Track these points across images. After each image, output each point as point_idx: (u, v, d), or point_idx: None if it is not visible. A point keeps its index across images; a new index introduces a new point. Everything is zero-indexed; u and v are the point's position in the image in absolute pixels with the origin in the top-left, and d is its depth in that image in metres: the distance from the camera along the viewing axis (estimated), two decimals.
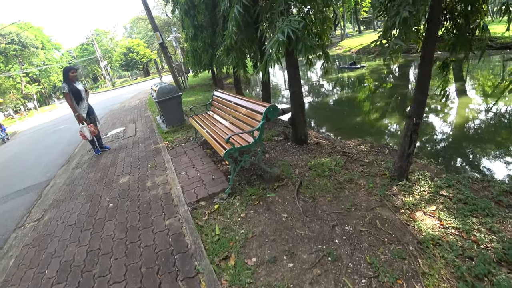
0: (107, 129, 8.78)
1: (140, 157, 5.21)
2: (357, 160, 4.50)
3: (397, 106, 8.71)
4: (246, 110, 3.55)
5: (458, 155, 5.25)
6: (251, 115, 3.38)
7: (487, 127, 6.22)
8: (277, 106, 3.07)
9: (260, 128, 3.02)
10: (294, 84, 4.64)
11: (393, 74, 13.95)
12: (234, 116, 3.87)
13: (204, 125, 4.34)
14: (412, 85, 11.14)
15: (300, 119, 4.88)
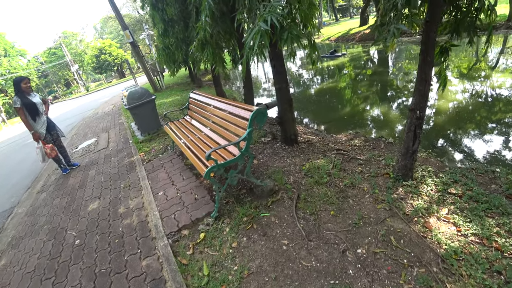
0: (78, 141, 8.02)
1: (112, 175, 4.61)
2: (354, 159, 4.11)
3: (384, 94, 8.41)
4: (229, 115, 3.04)
5: (456, 144, 4.96)
6: (235, 121, 2.88)
7: (483, 111, 5.98)
8: (266, 110, 2.58)
9: (247, 137, 2.53)
10: (280, 79, 4.15)
11: (374, 60, 13.70)
12: (215, 122, 3.35)
13: (181, 134, 3.79)
14: (394, 71, 10.91)
15: (289, 117, 4.42)
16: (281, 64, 4.07)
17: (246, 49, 2.90)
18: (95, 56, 41.81)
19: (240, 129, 2.70)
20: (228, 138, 2.99)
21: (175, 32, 6.16)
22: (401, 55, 13.70)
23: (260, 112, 2.50)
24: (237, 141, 2.51)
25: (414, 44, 14.91)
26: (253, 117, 2.46)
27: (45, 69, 49.33)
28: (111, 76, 59.32)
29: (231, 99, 8.65)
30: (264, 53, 3.03)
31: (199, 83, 12.94)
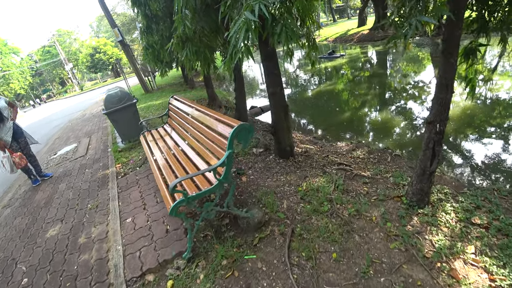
0: (58, 147, 7.43)
1: (82, 191, 4.04)
2: (358, 176, 3.57)
3: (387, 98, 7.88)
4: (207, 129, 2.49)
5: (472, 158, 4.43)
6: (213, 138, 2.33)
7: (499, 119, 5.46)
8: (251, 127, 2.03)
9: (226, 162, 1.98)
10: (274, 83, 3.61)
11: (373, 62, 13.18)
12: (194, 137, 2.79)
13: (155, 147, 3.23)
14: (395, 73, 10.40)
15: (284, 126, 3.87)
16: (274, 65, 3.53)
17: (230, 47, 2.37)
18: (89, 55, 41.02)
19: (220, 149, 2.15)
20: (206, 158, 2.44)
21: (159, 29, 5.58)
22: (399, 56, 13.20)
23: (243, 128, 1.95)
24: (212, 167, 1.95)
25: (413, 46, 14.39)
26: (233, 135, 1.91)
27: (39, 67, 48.47)
28: (107, 75, 58.48)
29: (216, 107, 8.10)
30: (251, 52, 2.48)
31: (192, 84, 12.37)
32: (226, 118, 2.15)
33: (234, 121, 2.04)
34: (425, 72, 9.84)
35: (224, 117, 2.20)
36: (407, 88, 8.15)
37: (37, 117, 19.46)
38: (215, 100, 8.40)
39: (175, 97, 3.82)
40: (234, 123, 2.00)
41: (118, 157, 4.90)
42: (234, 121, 2.04)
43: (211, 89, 8.30)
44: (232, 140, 1.92)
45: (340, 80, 10.75)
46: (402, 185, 3.26)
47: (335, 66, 13.28)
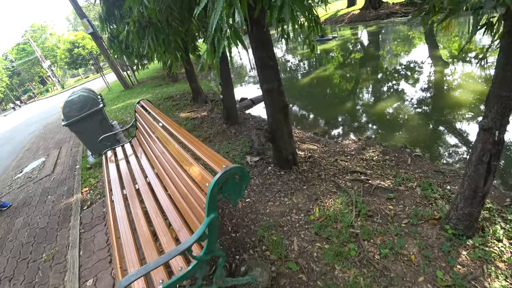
0: (26, 161, 6.52)
1: (39, 231, 3.23)
2: (379, 189, 2.85)
3: (391, 84, 7.07)
4: (179, 169, 1.69)
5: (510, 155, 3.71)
6: (188, 187, 1.54)
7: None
8: (244, 172, 1.21)
9: (207, 234, 1.19)
10: (269, 77, 2.78)
11: (369, 43, 12.22)
12: (165, 170, 1.98)
13: (115, 179, 2.41)
14: (394, 54, 9.53)
15: (284, 131, 3.09)
16: (269, 54, 2.69)
17: (209, 32, 1.59)
18: (67, 50, 38.74)
19: (197, 205, 1.36)
20: (181, 210, 1.64)
21: (124, 16, 4.62)
22: (389, 36, 12.29)
23: (229, 174, 1.15)
24: (184, 246, 1.16)
25: (402, 25, 13.45)
26: (214, 190, 1.12)
27: (16, 66, 45.97)
28: (89, 71, 56.02)
29: (201, 103, 7.13)
30: (241, 37, 1.69)
31: (174, 77, 11.35)
32: (204, 152, 1.34)
33: (217, 161, 1.24)
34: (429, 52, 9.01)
35: (202, 147, 1.39)
36: (414, 72, 7.33)
37: (15, 122, 18.23)
38: (200, 94, 7.50)
39: (142, 103, 2.96)
40: (216, 164, 1.20)
41: (86, 177, 4.06)
42: (216, 160, 1.24)
43: (195, 83, 7.37)
44: (213, 198, 1.13)
45: (336, 64, 9.86)
46: (433, 200, 2.60)
47: (328, 50, 12.32)
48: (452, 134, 4.24)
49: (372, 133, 4.69)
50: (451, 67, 6.91)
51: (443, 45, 9.07)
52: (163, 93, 9.03)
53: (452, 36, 9.51)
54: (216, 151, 4.11)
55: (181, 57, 2.97)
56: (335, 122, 5.51)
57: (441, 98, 5.34)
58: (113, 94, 12.00)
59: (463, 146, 4.00)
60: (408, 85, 6.46)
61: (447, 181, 2.94)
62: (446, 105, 4.98)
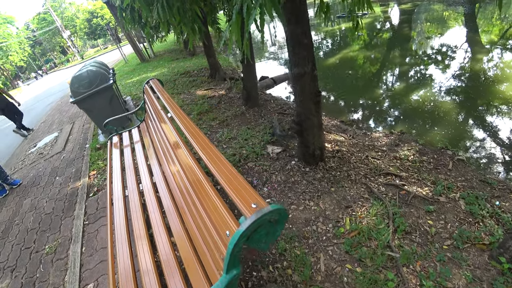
0: (41, 135, 6.44)
1: (44, 216, 3.05)
2: (417, 198, 2.42)
3: (422, 68, 6.29)
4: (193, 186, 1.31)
5: None
6: (207, 220, 1.16)
7: None
8: (286, 211, 0.82)
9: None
10: (302, 59, 2.31)
11: (401, 23, 11.06)
12: (175, 179, 1.63)
13: (117, 172, 2.09)
14: (429, 37, 8.53)
15: (314, 123, 2.66)
16: (304, 29, 2.19)
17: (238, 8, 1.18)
18: (86, 21, 38.51)
19: (213, 248, 1.00)
20: (194, 240, 1.29)
21: None
22: (425, 16, 11.03)
23: (263, 221, 0.76)
24: None
25: (437, 4, 12.03)
26: (237, 246, 0.74)
27: (37, 36, 46.44)
28: (109, 41, 55.89)
29: (219, 80, 6.59)
30: (277, 5, 1.25)
31: (192, 51, 10.83)
32: (226, 177, 0.95)
33: (244, 196, 0.84)
34: (481, 37, 7.98)
35: (224, 168, 1.00)
36: (456, 58, 6.46)
37: (37, 92, 18.53)
38: (218, 71, 7.03)
39: (151, 83, 2.58)
40: (242, 201, 0.81)
41: (94, 159, 3.83)
42: (243, 196, 0.85)
43: (213, 58, 6.89)
44: (236, 253, 0.76)
45: (364, 45, 9.00)
46: (481, 218, 2.17)
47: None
48: (503, 138, 3.63)
49: (406, 127, 4.13)
50: (504, 54, 6.04)
51: (488, 28, 8.01)
52: (179, 68, 8.62)
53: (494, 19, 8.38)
54: (234, 137, 3.75)
55: (199, 29, 2.53)
56: (363, 110, 4.96)
57: (490, 93, 4.61)
58: (129, 67, 11.70)
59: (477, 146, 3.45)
60: (450, 73, 5.68)
61: (495, 195, 2.48)
62: (497, 101, 4.29)
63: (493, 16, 8.45)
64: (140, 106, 2.72)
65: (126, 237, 1.51)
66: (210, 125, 4.10)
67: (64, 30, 38.73)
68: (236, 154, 3.18)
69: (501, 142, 3.57)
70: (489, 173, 3.08)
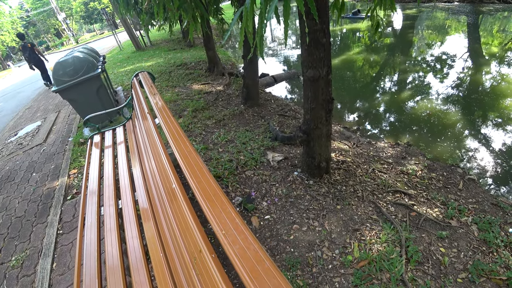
0: (23, 123, 6.04)
1: (14, 220, 2.71)
2: (428, 221, 2.21)
3: (429, 76, 6.06)
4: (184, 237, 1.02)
5: None
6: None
7: None
8: None
9: None
10: (317, 60, 2.02)
11: (406, 28, 10.82)
12: (163, 210, 1.33)
13: (94, 181, 1.78)
14: (435, 45, 8.32)
15: (323, 132, 2.38)
16: (323, 26, 1.89)
17: None
18: (83, 4, 37.45)
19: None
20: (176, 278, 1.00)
21: None
22: (430, 23, 10.85)
23: None
24: None
25: (439, 11, 11.92)
26: None
27: (31, 16, 45.00)
28: (106, 27, 54.51)
29: (218, 74, 6.21)
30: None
31: (190, 42, 10.42)
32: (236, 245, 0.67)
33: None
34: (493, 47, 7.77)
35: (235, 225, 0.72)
36: (464, 68, 6.24)
37: (26, 75, 17.83)
38: (217, 65, 6.69)
39: (140, 76, 2.26)
40: None
41: (76, 156, 3.49)
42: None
43: (212, 52, 6.53)
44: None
45: (367, 48, 8.73)
46: (495, 247, 1.97)
47: (358, 30, 11.00)
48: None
49: (413, 139, 3.90)
50: None
51: (498, 40, 7.83)
52: (176, 59, 8.23)
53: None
54: (231, 140, 3.45)
55: (201, 17, 2.22)
56: (367, 116, 4.69)
57: (504, 108, 4.39)
58: (123, 54, 11.22)
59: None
60: (459, 85, 5.45)
61: (508, 221, 2.29)
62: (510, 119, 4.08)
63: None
64: (127, 102, 2.40)
65: (96, 271, 1.22)
66: (205, 124, 3.79)
67: (60, 12, 37.49)
68: (233, 160, 2.89)
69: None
70: (501, 196, 2.88)
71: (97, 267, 1.24)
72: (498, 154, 3.50)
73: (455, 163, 3.21)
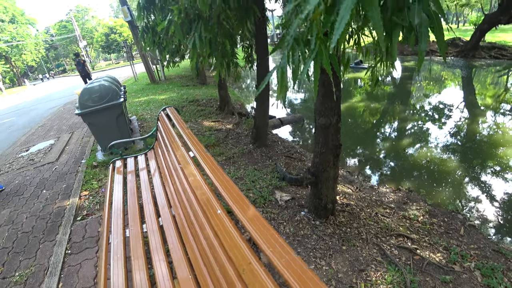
0: (35, 139, 6.20)
1: (21, 235, 2.74)
2: (431, 265, 2.29)
3: (428, 125, 6.39)
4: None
5: None
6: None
7: None
8: None
9: None
10: (329, 110, 2.26)
11: (405, 79, 11.61)
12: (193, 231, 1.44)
13: (118, 203, 1.88)
14: (434, 96, 8.87)
15: (330, 175, 2.54)
16: (338, 81, 2.17)
17: (287, 41, 1.10)
18: (104, 34, 40.01)
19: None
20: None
21: (164, 7, 4.22)
22: (428, 74, 11.72)
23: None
24: None
25: (439, 64, 12.98)
26: None
27: (55, 41, 47.85)
28: (122, 57, 57.60)
29: (228, 113, 6.60)
30: (335, 58, 1.20)
31: (203, 80, 11.03)
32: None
33: None
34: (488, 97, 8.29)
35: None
36: (466, 118, 6.63)
37: (41, 93, 18.52)
38: (227, 104, 7.05)
39: (168, 111, 2.47)
40: None
41: (88, 178, 3.59)
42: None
43: (224, 91, 6.93)
44: None
45: (370, 96, 9.25)
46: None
47: (360, 78, 11.73)
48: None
49: (413, 184, 4.07)
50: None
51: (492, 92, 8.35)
52: (188, 95, 8.66)
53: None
54: (241, 177, 3.57)
55: (227, 64, 2.49)
56: (368, 161, 4.92)
57: (500, 156, 4.64)
58: (138, 85, 11.80)
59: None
60: (457, 133, 5.78)
61: (511, 267, 2.37)
62: (507, 166, 4.31)
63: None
64: (151, 133, 2.58)
65: (123, 264, 1.28)
66: (216, 161, 3.93)
67: (82, 40, 39.94)
68: None
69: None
70: (502, 242, 2.99)
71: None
72: (497, 201, 3.66)
73: (456, 209, 3.35)
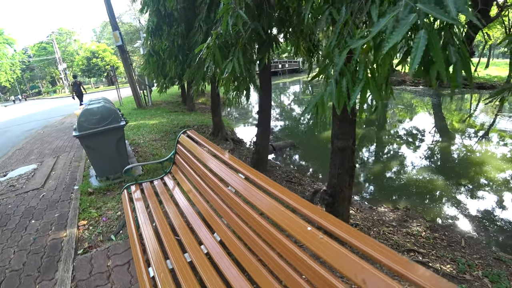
0: (14, 164, 5.74)
1: (9, 274, 2.40)
2: (446, 277, 2.38)
3: (418, 147, 6.76)
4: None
5: None
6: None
7: None
8: None
9: None
10: (346, 133, 2.39)
11: (408, 106, 12.54)
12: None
13: (146, 221, 1.73)
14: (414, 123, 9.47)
15: (345, 195, 2.59)
16: (353, 107, 2.25)
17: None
18: (86, 58, 39.68)
19: None
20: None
21: (171, 33, 4.29)
22: (402, 102, 12.84)
23: None
24: None
25: (411, 93, 14.71)
26: None
27: (32, 62, 46.54)
28: (101, 82, 56.80)
29: (221, 140, 6.61)
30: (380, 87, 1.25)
31: (191, 107, 11.03)
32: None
33: None
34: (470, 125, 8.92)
35: None
36: (438, 139, 7.10)
37: (15, 115, 17.58)
38: (221, 130, 7.03)
39: (189, 133, 2.39)
40: None
41: (85, 206, 3.32)
42: None
43: (218, 118, 6.94)
44: None
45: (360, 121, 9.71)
46: None
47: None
48: (506, 216, 3.92)
49: (410, 203, 4.41)
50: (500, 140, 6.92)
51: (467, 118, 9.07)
52: (179, 121, 8.56)
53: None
54: None
55: (246, 88, 2.51)
56: (362, 183, 5.19)
57: (484, 174, 5.08)
58: (124, 110, 11.54)
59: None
60: (437, 153, 6.36)
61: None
62: (497, 183, 4.75)
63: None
64: (169, 156, 2.47)
65: None
66: None
67: (61, 63, 39.15)
68: None
69: (505, 219, 3.81)
70: (500, 250, 3.16)
71: None
72: (490, 212, 3.96)
73: (453, 223, 3.62)
